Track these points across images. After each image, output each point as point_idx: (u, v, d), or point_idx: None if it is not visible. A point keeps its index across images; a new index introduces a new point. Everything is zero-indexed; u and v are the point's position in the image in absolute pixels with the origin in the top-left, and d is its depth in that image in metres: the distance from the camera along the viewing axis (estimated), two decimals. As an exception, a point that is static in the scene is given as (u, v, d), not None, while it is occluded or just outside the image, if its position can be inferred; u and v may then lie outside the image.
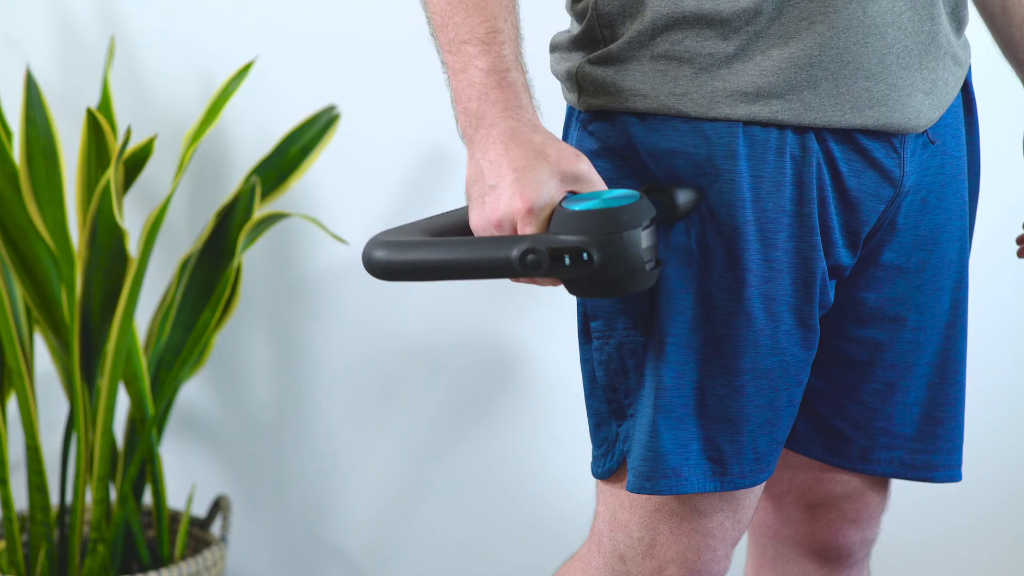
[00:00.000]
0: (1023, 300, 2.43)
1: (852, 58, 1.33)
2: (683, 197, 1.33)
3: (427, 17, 1.33)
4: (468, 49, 1.29)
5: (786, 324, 1.36)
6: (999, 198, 1.82)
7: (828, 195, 1.35)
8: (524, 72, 1.30)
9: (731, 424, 1.37)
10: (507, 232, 1.26)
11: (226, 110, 2.39)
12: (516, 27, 1.30)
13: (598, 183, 1.27)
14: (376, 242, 1.30)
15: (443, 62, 1.31)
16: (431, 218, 1.34)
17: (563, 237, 1.22)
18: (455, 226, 1.33)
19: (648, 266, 1.24)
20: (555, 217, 1.24)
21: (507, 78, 1.28)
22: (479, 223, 1.27)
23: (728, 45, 1.32)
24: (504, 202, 1.25)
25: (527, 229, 1.24)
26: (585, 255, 1.22)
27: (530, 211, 1.24)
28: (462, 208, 1.33)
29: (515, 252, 1.23)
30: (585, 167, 1.26)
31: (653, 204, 1.28)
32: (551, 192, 1.24)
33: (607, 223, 1.22)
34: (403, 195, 2.48)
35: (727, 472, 1.38)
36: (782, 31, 1.32)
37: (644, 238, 1.23)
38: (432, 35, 1.32)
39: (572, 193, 1.26)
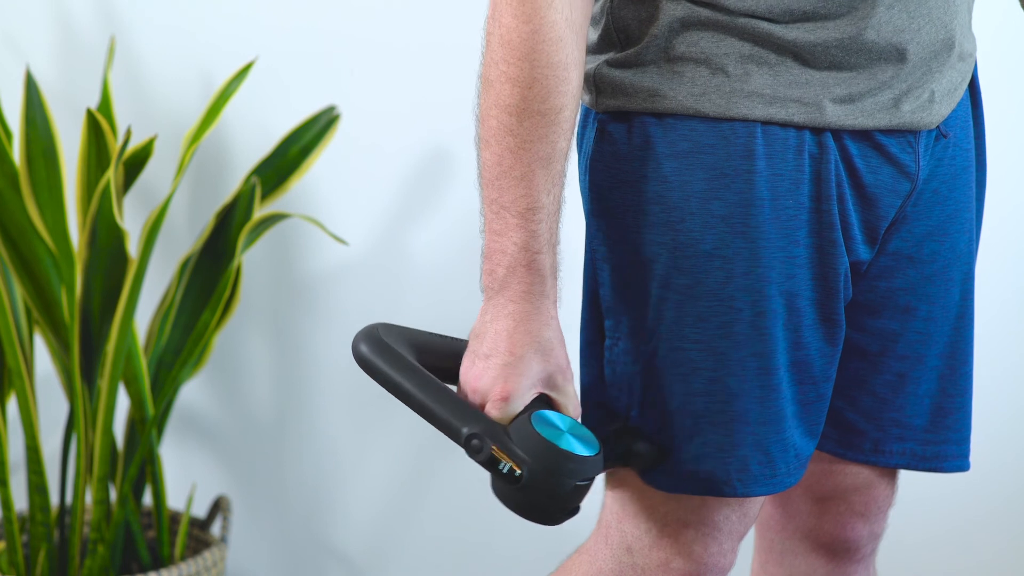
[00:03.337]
0: (1024, 299, 2.44)
1: (869, 70, 1.34)
2: (643, 447, 1.38)
3: (478, 164, 1.34)
4: (507, 218, 1.32)
5: (809, 319, 1.37)
6: (1002, 193, 1.82)
7: (846, 192, 1.36)
8: (555, 250, 1.34)
9: (773, 424, 1.38)
10: (479, 401, 1.33)
11: (226, 110, 2.39)
12: (558, 199, 1.33)
13: (572, 404, 1.34)
14: (369, 335, 1.36)
15: (482, 211, 1.33)
16: (436, 337, 1.40)
17: (512, 446, 1.29)
18: (453, 356, 1.38)
19: (562, 513, 1.32)
20: (519, 420, 1.30)
21: (536, 261, 1.32)
22: (464, 377, 1.34)
23: (744, 47, 1.33)
24: (488, 377, 1.32)
25: (493, 412, 1.32)
26: (518, 472, 1.29)
27: (505, 400, 1.31)
28: (465, 342, 1.38)
29: (466, 430, 1.30)
30: (571, 384, 1.34)
31: (614, 445, 1.36)
32: (532, 390, 1.32)
33: (554, 462, 1.29)
34: (403, 196, 2.48)
35: (776, 474, 1.39)
36: (798, 48, 1.33)
37: (576, 491, 1.30)
38: (478, 178, 1.34)
39: (546, 397, 1.33)
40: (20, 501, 2.50)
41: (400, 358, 1.34)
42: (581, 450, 1.30)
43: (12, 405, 2.51)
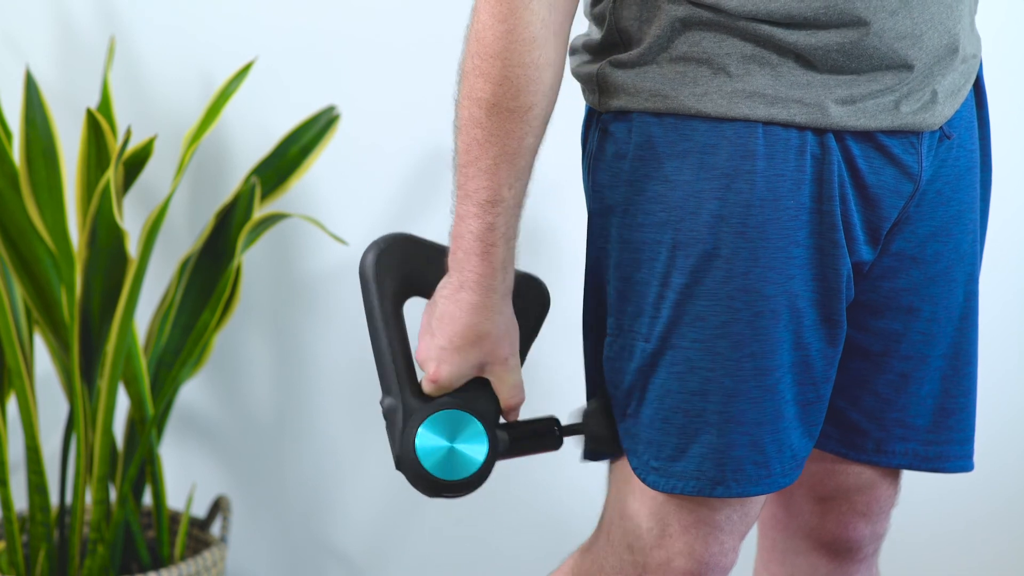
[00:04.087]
0: (1025, 299, 2.44)
1: (872, 73, 1.34)
2: (595, 437, 1.45)
3: (453, 148, 1.37)
4: (469, 206, 1.36)
5: (810, 320, 1.37)
6: (1005, 194, 1.82)
7: (848, 192, 1.36)
8: (511, 244, 1.37)
9: (769, 425, 1.38)
10: (422, 368, 1.41)
11: (226, 110, 2.39)
12: (521, 192, 1.37)
13: (507, 395, 1.41)
14: (379, 255, 1.43)
15: (454, 193, 1.37)
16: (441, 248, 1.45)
17: (396, 438, 1.40)
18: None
19: (436, 497, 1.41)
20: (416, 416, 1.38)
21: (490, 253, 1.36)
22: (419, 336, 1.42)
23: (746, 47, 1.33)
24: (427, 355, 1.40)
25: (426, 387, 1.40)
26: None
27: (435, 382, 1.40)
28: None
29: (388, 396, 1.41)
30: (510, 374, 1.40)
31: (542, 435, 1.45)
32: (465, 377, 1.40)
33: (414, 474, 1.39)
34: (403, 195, 2.48)
35: (771, 474, 1.39)
36: (800, 50, 1.33)
37: (442, 494, 1.40)
38: (452, 161, 1.37)
39: (481, 379, 1.40)
40: (20, 501, 2.50)
41: (385, 297, 1.43)
42: (451, 470, 1.38)
43: (12, 405, 2.51)
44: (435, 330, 1.39)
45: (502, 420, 1.44)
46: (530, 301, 1.46)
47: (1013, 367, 2.44)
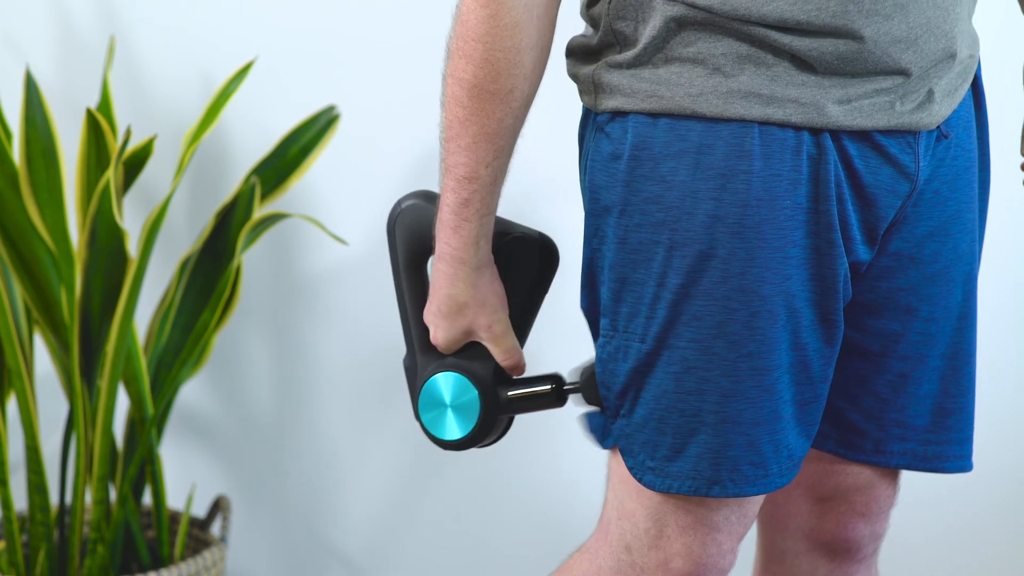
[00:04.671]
0: (1024, 298, 2.44)
1: (868, 76, 1.34)
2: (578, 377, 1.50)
3: (440, 121, 1.40)
4: (448, 180, 1.40)
5: (807, 320, 1.37)
6: (1004, 194, 1.82)
7: (845, 192, 1.36)
8: (485, 220, 1.41)
9: (766, 425, 1.38)
10: None
11: (226, 110, 2.39)
12: (500, 170, 1.40)
13: (501, 357, 1.46)
14: (408, 216, 1.48)
15: (440, 165, 1.41)
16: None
17: (410, 391, 1.50)
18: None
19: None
20: (432, 368, 1.48)
21: (463, 227, 1.40)
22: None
23: (741, 47, 1.33)
24: (426, 316, 1.47)
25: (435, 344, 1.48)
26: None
27: (436, 345, 1.47)
28: (510, 224, 1.49)
29: (409, 354, 1.51)
30: (502, 339, 1.46)
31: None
32: (459, 341, 1.46)
33: (422, 428, 1.50)
34: (403, 195, 2.48)
35: (768, 474, 1.39)
36: (795, 51, 1.33)
37: (435, 443, 1.50)
38: (440, 134, 1.41)
39: (474, 343, 1.47)
40: (20, 501, 2.50)
41: (404, 254, 1.48)
42: (443, 431, 1.48)
43: (12, 405, 2.51)
44: (431, 298, 1.45)
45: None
46: (524, 266, 1.48)
47: (1012, 367, 2.44)
